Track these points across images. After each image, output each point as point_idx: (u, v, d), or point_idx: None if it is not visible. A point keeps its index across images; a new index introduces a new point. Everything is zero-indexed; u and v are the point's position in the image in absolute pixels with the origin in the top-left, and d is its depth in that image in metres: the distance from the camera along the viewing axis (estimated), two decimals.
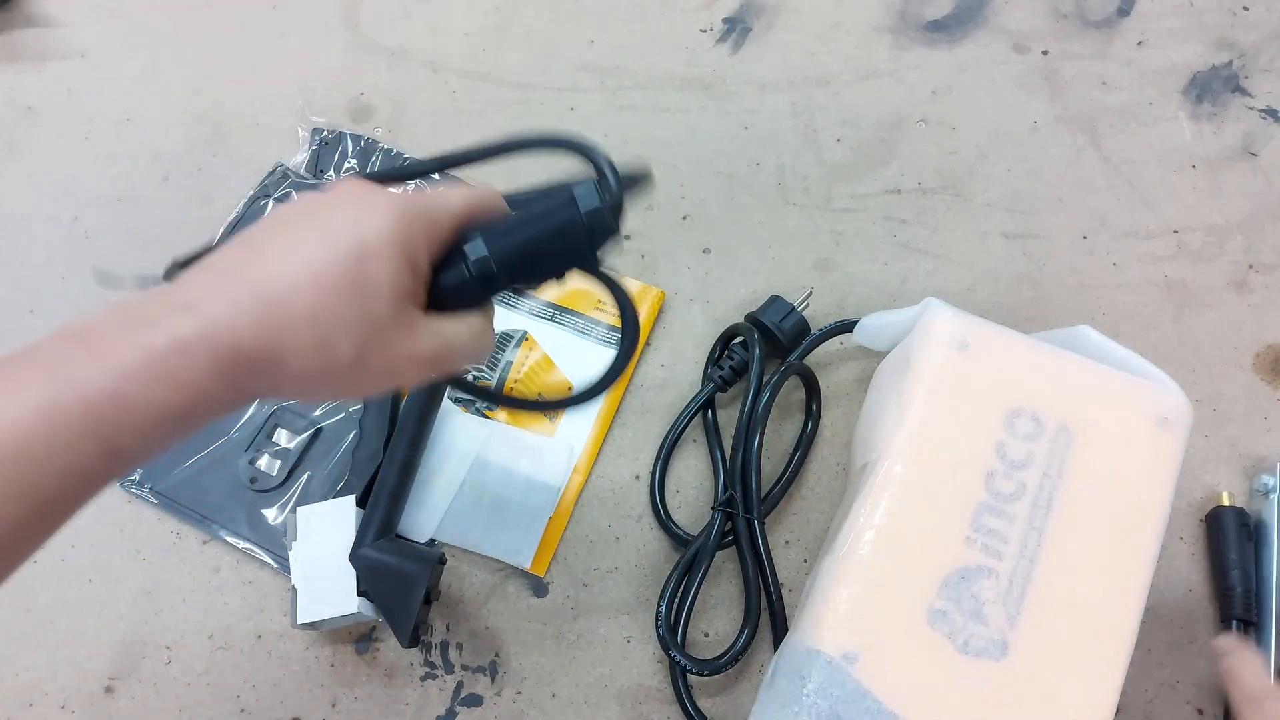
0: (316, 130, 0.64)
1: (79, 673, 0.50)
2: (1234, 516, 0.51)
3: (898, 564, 0.42)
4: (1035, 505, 0.42)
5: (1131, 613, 0.41)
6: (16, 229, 0.61)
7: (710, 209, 0.62)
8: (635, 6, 0.69)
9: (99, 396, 0.26)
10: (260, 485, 0.53)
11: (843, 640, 0.40)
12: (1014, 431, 0.44)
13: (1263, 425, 0.55)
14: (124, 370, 0.26)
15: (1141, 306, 0.58)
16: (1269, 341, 0.57)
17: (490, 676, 0.50)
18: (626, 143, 0.64)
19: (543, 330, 0.57)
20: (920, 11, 0.69)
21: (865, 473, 0.45)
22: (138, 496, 0.53)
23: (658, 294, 0.59)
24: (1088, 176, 0.63)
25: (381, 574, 0.46)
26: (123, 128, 0.64)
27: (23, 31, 0.68)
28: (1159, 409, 0.44)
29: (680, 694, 0.47)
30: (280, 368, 0.29)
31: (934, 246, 0.60)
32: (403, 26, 0.68)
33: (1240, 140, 0.64)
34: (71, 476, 0.26)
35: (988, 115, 0.65)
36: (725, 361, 0.54)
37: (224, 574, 0.52)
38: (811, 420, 0.54)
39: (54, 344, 0.27)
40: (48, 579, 0.52)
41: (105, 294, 0.59)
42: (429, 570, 0.46)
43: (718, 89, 0.66)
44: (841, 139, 0.64)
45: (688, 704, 0.47)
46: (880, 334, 0.52)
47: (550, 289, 0.58)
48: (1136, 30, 0.68)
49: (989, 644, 0.40)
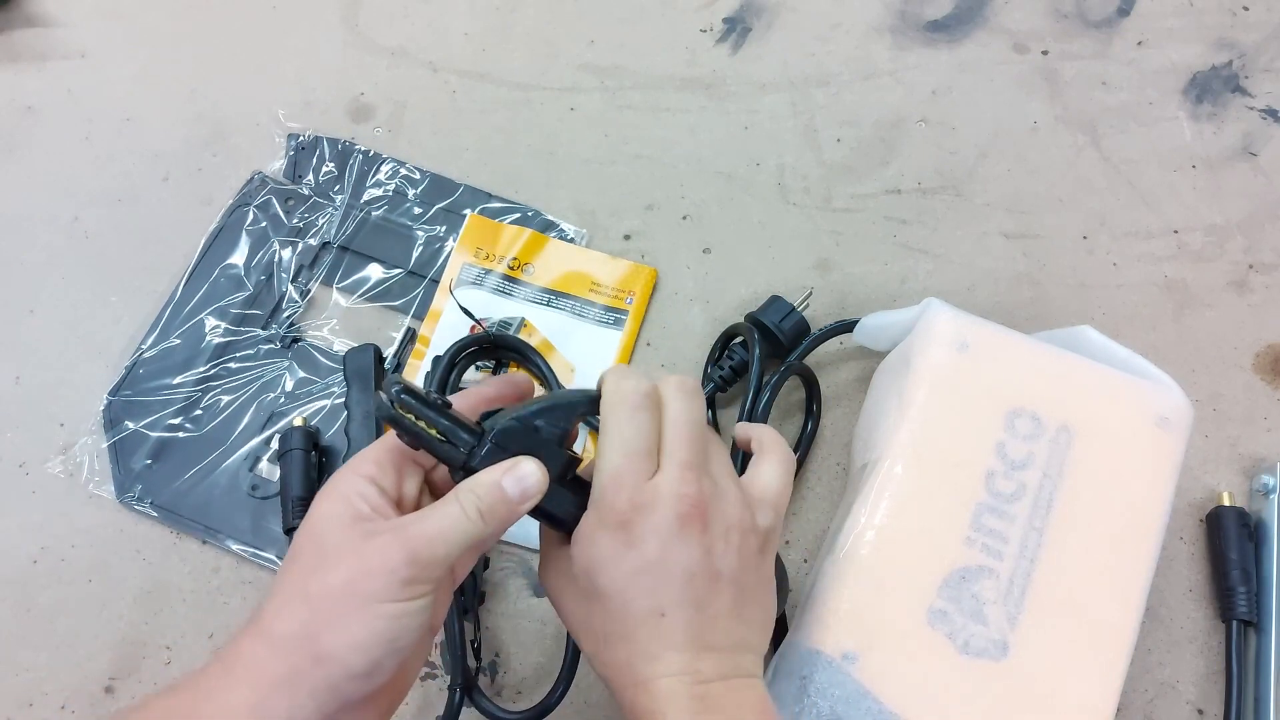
0: (292, 135, 0.63)
1: (79, 673, 0.50)
2: (1234, 516, 0.51)
3: (898, 564, 0.42)
4: (1035, 505, 0.42)
5: (1131, 613, 0.41)
6: (16, 229, 0.61)
7: (710, 209, 0.62)
8: (635, 6, 0.69)
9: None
10: (261, 493, 0.53)
11: (843, 640, 0.40)
12: (1014, 431, 0.44)
13: (1263, 425, 0.55)
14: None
15: (1141, 306, 0.58)
16: (1269, 341, 0.57)
17: (490, 676, 0.50)
18: (627, 142, 0.64)
19: (540, 315, 0.58)
20: (920, 11, 0.69)
21: (865, 473, 0.45)
22: (138, 510, 0.53)
23: (650, 272, 0.59)
24: (1088, 176, 0.63)
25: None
26: (123, 128, 0.64)
27: (23, 31, 0.68)
28: (1159, 409, 0.44)
29: None
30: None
31: (934, 246, 0.60)
32: (402, 26, 0.68)
33: (1240, 140, 0.64)
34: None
35: (988, 115, 0.65)
36: (725, 361, 0.54)
37: (224, 574, 0.52)
38: (811, 420, 0.54)
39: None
40: (48, 579, 0.52)
41: (105, 295, 0.59)
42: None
43: (718, 89, 0.66)
44: (841, 139, 0.64)
45: None
46: (880, 334, 0.52)
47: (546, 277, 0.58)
48: (1136, 30, 0.68)
49: (989, 644, 0.40)
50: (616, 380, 0.37)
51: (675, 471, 0.35)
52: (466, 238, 0.59)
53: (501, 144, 0.64)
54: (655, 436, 0.36)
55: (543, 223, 0.61)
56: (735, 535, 0.36)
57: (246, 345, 0.57)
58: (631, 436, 0.36)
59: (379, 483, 0.35)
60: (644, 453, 0.36)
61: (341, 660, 0.31)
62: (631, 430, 0.36)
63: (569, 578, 0.37)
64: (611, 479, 0.35)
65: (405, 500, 0.36)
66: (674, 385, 0.37)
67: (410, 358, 0.57)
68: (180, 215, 0.61)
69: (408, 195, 0.62)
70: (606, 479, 0.35)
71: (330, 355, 0.57)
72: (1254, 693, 0.48)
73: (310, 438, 0.53)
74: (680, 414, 0.37)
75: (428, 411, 0.34)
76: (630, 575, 0.34)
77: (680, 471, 0.35)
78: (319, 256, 0.60)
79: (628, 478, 0.35)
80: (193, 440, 0.54)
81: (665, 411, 0.37)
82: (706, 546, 0.35)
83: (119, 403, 0.55)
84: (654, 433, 0.36)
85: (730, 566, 0.35)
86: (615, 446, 0.36)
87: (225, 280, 0.59)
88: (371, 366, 0.54)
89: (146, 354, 0.57)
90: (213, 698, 0.32)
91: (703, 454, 0.36)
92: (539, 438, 0.36)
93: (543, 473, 0.35)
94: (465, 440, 0.35)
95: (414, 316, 0.58)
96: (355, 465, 0.35)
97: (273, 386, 0.56)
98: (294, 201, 0.61)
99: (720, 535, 0.35)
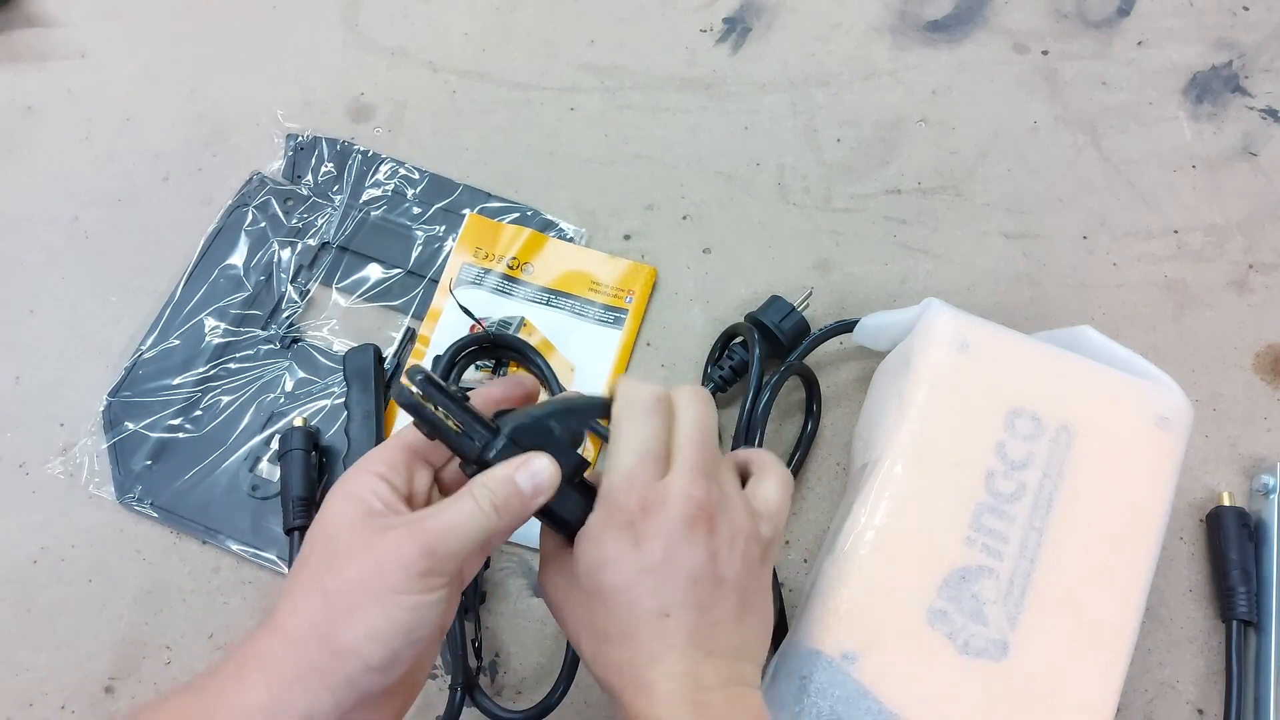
0: (291, 135, 0.63)
1: (79, 673, 0.50)
2: (1234, 516, 0.51)
3: (898, 564, 0.42)
4: (1035, 505, 0.42)
5: (1131, 613, 0.41)
6: (16, 229, 0.61)
7: (710, 209, 0.62)
8: (635, 6, 0.69)
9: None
10: (262, 493, 0.53)
11: (843, 640, 0.40)
12: (1014, 431, 0.44)
13: (1263, 425, 0.55)
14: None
15: (1141, 306, 0.58)
16: (1269, 341, 0.57)
17: (490, 676, 0.50)
18: (627, 142, 0.64)
19: (539, 314, 0.58)
20: (920, 11, 0.69)
21: (865, 473, 0.45)
22: (138, 511, 0.53)
23: (650, 271, 0.59)
24: (1088, 176, 0.63)
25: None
26: (123, 128, 0.64)
27: (23, 31, 0.68)
28: (1159, 409, 0.44)
29: None
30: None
31: (934, 246, 0.60)
32: (402, 26, 0.68)
33: (1240, 140, 0.64)
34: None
35: (987, 115, 0.65)
36: (725, 361, 0.54)
37: (224, 574, 0.52)
38: (811, 420, 0.54)
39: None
40: (48, 579, 0.52)
41: (105, 295, 0.59)
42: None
43: (718, 89, 0.66)
44: (841, 139, 0.64)
45: None
46: (880, 334, 0.52)
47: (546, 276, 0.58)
48: (1136, 30, 0.68)
49: (989, 644, 0.40)
50: (631, 386, 0.37)
51: (685, 475, 0.35)
52: (466, 237, 0.59)
53: (501, 144, 0.64)
54: (667, 441, 0.37)
55: (542, 222, 0.61)
56: (740, 541, 0.36)
57: (246, 345, 0.57)
58: (645, 439, 0.36)
59: (390, 480, 0.35)
60: (655, 455, 0.36)
61: (359, 652, 0.31)
62: (645, 433, 0.36)
63: (571, 578, 0.37)
64: (623, 479, 0.35)
65: (416, 497, 0.36)
66: (687, 393, 0.38)
67: (410, 358, 0.57)
68: (180, 215, 0.61)
69: (407, 195, 0.61)
70: (617, 479, 0.35)
71: (330, 355, 0.57)
72: (1254, 693, 0.48)
73: (310, 438, 0.53)
74: (692, 420, 0.37)
75: (448, 402, 0.35)
76: (636, 575, 0.34)
77: (690, 475, 0.35)
78: (318, 257, 0.60)
79: (639, 478, 0.35)
80: (193, 441, 0.54)
81: (677, 418, 0.37)
82: (712, 550, 0.35)
83: (119, 403, 0.55)
84: (666, 437, 0.37)
85: (734, 572, 0.35)
86: (628, 447, 0.36)
87: (225, 280, 0.59)
88: (371, 366, 0.54)
89: (146, 354, 0.57)
90: (228, 696, 0.32)
91: (713, 461, 0.37)
92: (552, 437, 0.36)
93: (555, 468, 0.35)
94: (481, 434, 0.35)
95: (413, 316, 0.58)
96: (366, 464, 0.36)
97: (273, 387, 0.56)
98: (293, 202, 0.61)
99: (726, 540, 0.35)
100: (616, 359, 0.57)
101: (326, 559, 0.33)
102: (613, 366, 0.56)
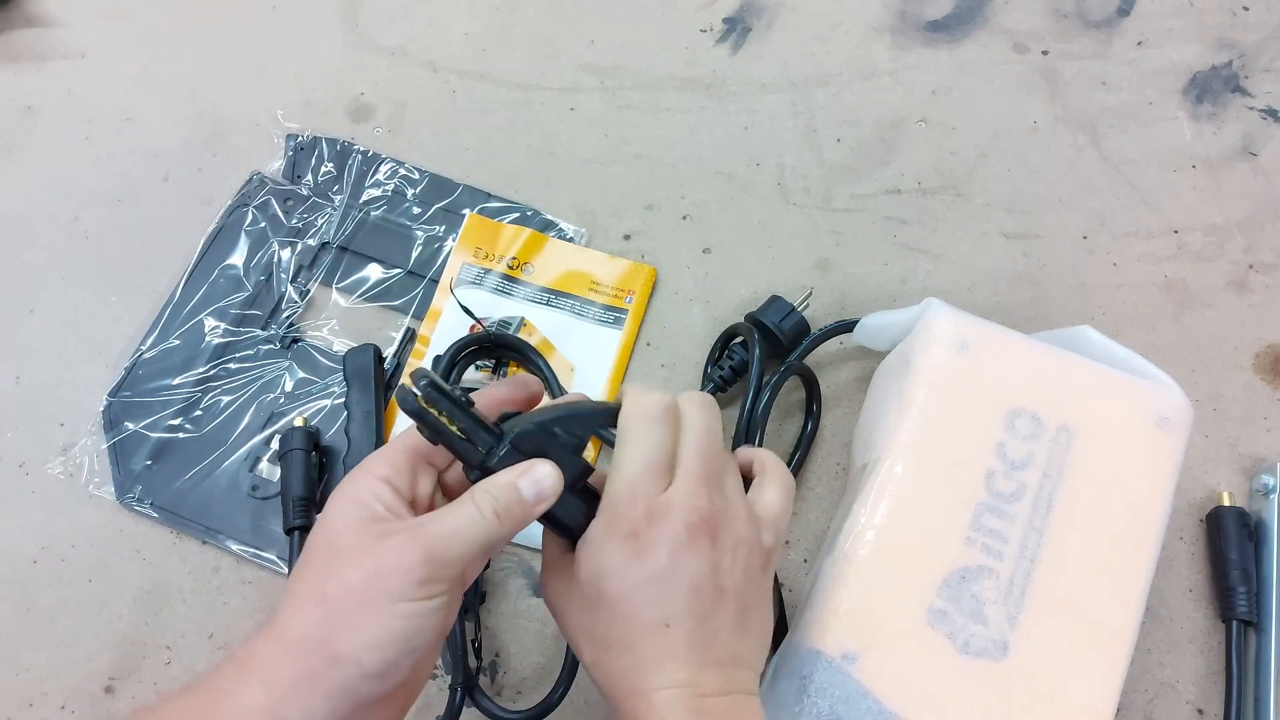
0: (291, 135, 0.63)
1: (79, 673, 0.50)
2: (1234, 516, 0.51)
3: (898, 564, 0.42)
4: (1035, 505, 0.42)
5: (1131, 613, 0.41)
6: (16, 229, 0.61)
7: (710, 209, 0.62)
8: (635, 6, 0.69)
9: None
10: (262, 493, 0.53)
11: (843, 640, 0.40)
12: (1014, 431, 0.44)
13: (1263, 425, 0.55)
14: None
15: (1141, 306, 0.58)
16: (1269, 341, 0.57)
17: (491, 676, 0.50)
18: (627, 142, 0.64)
19: (539, 314, 0.58)
20: (920, 11, 0.69)
21: (865, 473, 0.45)
22: (138, 511, 0.53)
23: (650, 271, 0.59)
24: (1088, 176, 0.63)
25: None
26: (123, 128, 0.64)
27: (23, 31, 0.68)
28: (1159, 409, 0.44)
29: None
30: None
31: (934, 246, 0.60)
32: (402, 26, 0.68)
33: (1240, 140, 0.64)
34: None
35: (987, 115, 0.65)
36: (725, 361, 0.54)
37: (224, 574, 0.52)
38: (811, 420, 0.54)
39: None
40: (48, 579, 0.52)
41: (105, 295, 0.59)
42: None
43: (718, 89, 0.66)
44: (841, 139, 0.64)
45: None
46: (880, 334, 0.52)
47: (546, 275, 0.58)
48: (1136, 30, 0.68)
49: (989, 644, 0.40)
50: (638, 394, 0.37)
51: (689, 484, 0.36)
52: (466, 237, 0.59)
53: (501, 144, 0.64)
54: (672, 450, 0.37)
55: (542, 222, 0.61)
56: (742, 551, 0.36)
57: (246, 346, 0.57)
58: (650, 448, 0.36)
59: (393, 484, 0.35)
60: (661, 464, 0.36)
61: (357, 661, 0.31)
62: (651, 442, 0.36)
63: (572, 585, 0.37)
64: (627, 487, 0.35)
65: (419, 501, 0.36)
66: (694, 402, 0.38)
67: (410, 358, 0.57)
68: (180, 215, 0.61)
69: (407, 195, 0.61)
70: (622, 487, 0.35)
71: (330, 355, 0.57)
72: (1254, 693, 0.48)
73: (310, 438, 0.53)
74: (698, 430, 0.37)
75: (452, 408, 0.35)
76: (638, 584, 0.34)
77: (694, 485, 0.36)
78: (318, 257, 0.60)
79: (643, 487, 0.35)
80: (193, 441, 0.54)
81: (683, 427, 0.37)
82: (714, 560, 0.35)
83: (119, 404, 0.55)
84: (672, 446, 0.37)
85: (735, 582, 0.35)
86: (634, 456, 0.36)
87: (225, 280, 0.59)
88: (371, 367, 0.54)
89: (146, 355, 0.57)
90: (227, 699, 0.32)
91: (718, 470, 0.37)
92: (555, 443, 0.36)
93: (558, 476, 0.35)
94: (485, 440, 0.35)
95: (413, 316, 0.58)
96: (369, 467, 0.36)
97: (272, 387, 0.56)
98: (293, 202, 0.61)
99: (728, 550, 0.35)
100: (616, 359, 0.57)
101: (327, 563, 0.33)
102: (612, 366, 0.56)
